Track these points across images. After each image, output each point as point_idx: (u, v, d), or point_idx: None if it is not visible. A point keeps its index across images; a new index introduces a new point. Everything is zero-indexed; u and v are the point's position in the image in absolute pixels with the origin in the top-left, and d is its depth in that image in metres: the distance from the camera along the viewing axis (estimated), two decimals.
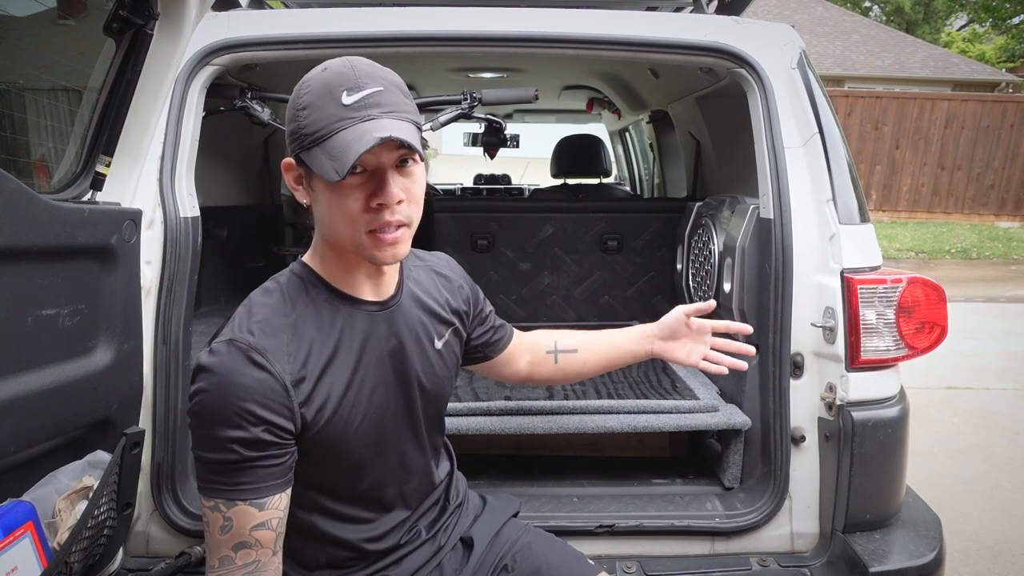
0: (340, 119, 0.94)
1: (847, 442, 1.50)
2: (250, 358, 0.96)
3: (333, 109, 0.94)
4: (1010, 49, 22.39)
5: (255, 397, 0.95)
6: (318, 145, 0.95)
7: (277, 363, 0.97)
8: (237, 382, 0.95)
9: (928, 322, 1.53)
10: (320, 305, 1.05)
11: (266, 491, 0.98)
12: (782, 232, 1.58)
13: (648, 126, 3.66)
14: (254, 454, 0.96)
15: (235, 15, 1.66)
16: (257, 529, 0.99)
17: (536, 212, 2.73)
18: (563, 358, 1.43)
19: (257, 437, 0.95)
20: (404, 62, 2.84)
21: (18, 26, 1.68)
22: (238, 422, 0.94)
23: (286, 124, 1.01)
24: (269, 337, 0.98)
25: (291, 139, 0.99)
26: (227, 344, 0.97)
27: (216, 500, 0.97)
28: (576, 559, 1.26)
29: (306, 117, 0.96)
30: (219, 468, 0.96)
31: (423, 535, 1.21)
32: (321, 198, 0.99)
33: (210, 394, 0.95)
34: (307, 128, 0.96)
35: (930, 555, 1.49)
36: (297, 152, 0.99)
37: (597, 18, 1.69)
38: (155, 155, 1.55)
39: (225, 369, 0.95)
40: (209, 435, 0.95)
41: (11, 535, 1.12)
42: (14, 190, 1.12)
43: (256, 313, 1.01)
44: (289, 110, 1.00)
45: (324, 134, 0.94)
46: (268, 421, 0.96)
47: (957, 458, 3.53)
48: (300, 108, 0.97)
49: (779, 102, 1.63)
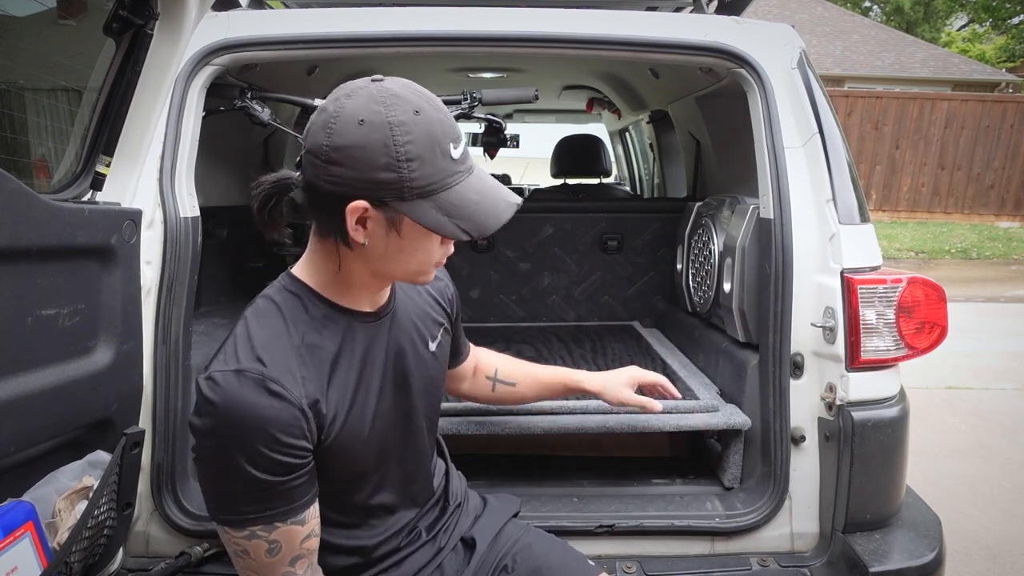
0: (452, 173, 0.95)
1: (847, 442, 1.50)
2: (266, 388, 0.93)
3: (444, 163, 0.94)
4: (1010, 49, 22.37)
5: (278, 427, 0.93)
6: (425, 198, 0.93)
7: (292, 388, 0.95)
8: (257, 414, 0.92)
9: (928, 322, 1.53)
10: (320, 322, 1.03)
11: (302, 507, 0.99)
12: (782, 232, 1.58)
13: (648, 126, 3.66)
14: (282, 478, 0.95)
15: (235, 15, 1.66)
16: (306, 540, 1.01)
17: (536, 212, 2.73)
18: (500, 387, 1.50)
19: (283, 462, 0.94)
20: (404, 62, 2.85)
21: (18, 26, 1.68)
22: (264, 453, 0.92)
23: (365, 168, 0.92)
24: (278, 363, 0.96)
25: (382, 186, 0.92)
26: (236, 375, 0.93)
27: (251, 528, 0.96)
28: (576, 559, 1.26)
29: (415, 170, 0.92)
30: (246, 499, 0.95)
31: (423, 536, 1.22)
32: (406, 243, 0.98)
33: (229, 429, 0.92)
34: (416, 181, 0.92)
35: (930, 555, 1.49)
36: (390, 200, 0.93)
37: (597, 18, 1.69)
38: (155, 155, 1.55)
39: (241, 402, 0.92)
40: (230, 469, 0.93)
41: (11, 535, 1.12)
42: (14, 190, 1.12)
43: (258, 338, 0.98)
44: (375, 155, 0.91)
45: (436, 188, 0.94)
46: (292, 446, 0.94)
47: (957, 458, 3.53)
48: (405, 159, 0.91)
49: (779, 102, 1.63)
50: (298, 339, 1.00)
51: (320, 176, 0.94)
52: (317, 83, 2.53)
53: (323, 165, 0.93)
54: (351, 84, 0.97)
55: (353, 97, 0.94)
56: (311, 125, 0.96)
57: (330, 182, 0.93)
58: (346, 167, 0.92)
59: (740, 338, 1.86)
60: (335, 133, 0.92)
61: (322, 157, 0.92)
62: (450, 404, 1.70)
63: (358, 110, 0.92)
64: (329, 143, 0.92)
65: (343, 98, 0.94)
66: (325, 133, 0.92)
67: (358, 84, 0.96)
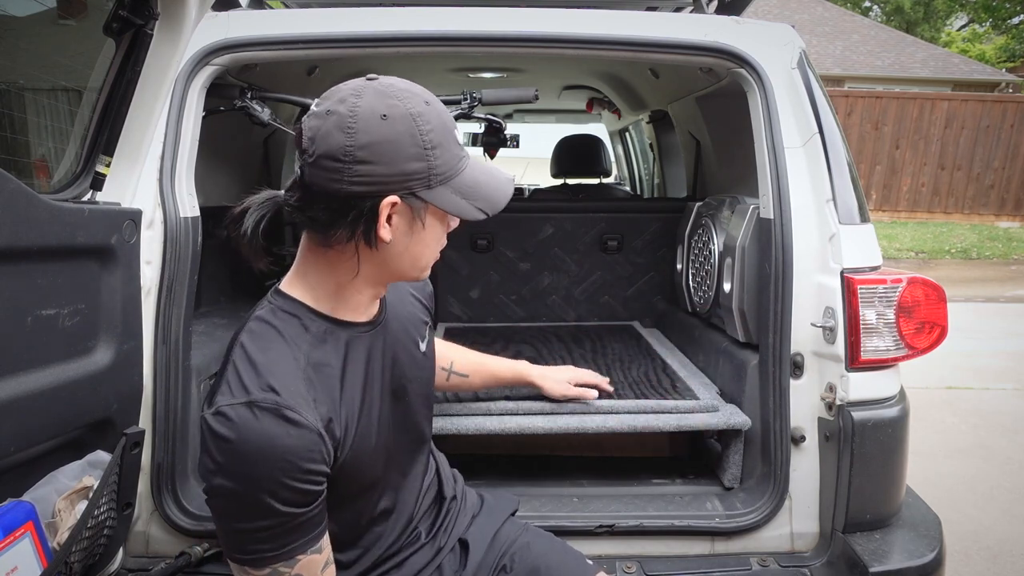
0: (460, 157, 0.99)
1: (847, 442, 1.50)
2: (284, 417, 0.90)
3: (455, 148, 0.98)
4: (1010, 49, 22.38)
5: (300, 455, 0.90)
6: (444, 184, 0.96)
7: (307, 413, 0.92)
8: (280, 445, 0.89)
9: (928, 322, 1.53)
10: (321, 338, 1.01)
11: (319, 535, 0.98)
12: (782, 232, 1.58)
13: (648, 126, 3.66)
14: (304, 509, 0.93)
15: (235, 15, 1.66)
16: (325, 568, 1.00)
17: (536, 212, 2.73)
18: (454, 378, 1.58)
19: (306, 491, 0.92)
20: (404, 62, 2.85)
21: (18, 26, 1.68)
22: (288, 484, 0.89)
23: (395, 161, 0.92)
24: (290, 388, 0.93)
25: (412, 178, 0.93)
26: (249, 407, 0.90)
27: (273, 566, 0.94)
28: (575, 559, 1.26)
29: (438, 157, 0.95)
30: (267, 536, 0.92)
31: (423, 537, 1.22)
32: (428, 234, 1.00)
33: (249, 466, 0.89)
34: (439, 168, 0.95)
35: (930, 555, 1.49)
36: (416, 191, 0.95)
37: (597, 18, 1.69)
38: (155, 155, 1.55)
39: (259, 435, 0.89)
40: (253, 507, 0.90)
41: (11, 535, 1.12)
42: (14, 190, 1.12)
43: (263, 364, 0.94)
44: (404, 146, 0.92)
45: (453, 173, 0.97)
46: (314, 472, 0.92)
47: (957, 458, 3.53)
48: (431, 147, 0.94)
49: (779, 102, 1.63)
50: (303, 360, 0.97)
51: (343, 179, 0.91)
52: (317, 83, 2.53)
53: (348, 166, 0.91)
54: (348, 85, 0.95)
55: (362, 96, 0.93)
56: (317, 131, 0.92)
57: (358, 182, 0.91)
58: (375, 163, 0.91)
59: (740, 338, 1.86)
60: (359, 131, 0.90)
61: (347, 158, 0.90)
62: (450, 404, 1.70)
63: (376, 106, 0.92)
64: (353, 142, 0.90)
65: (351, 98, 0.93)
66: (346, 134, 0.90)
67: (358, 84, 0.95)
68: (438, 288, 2.74)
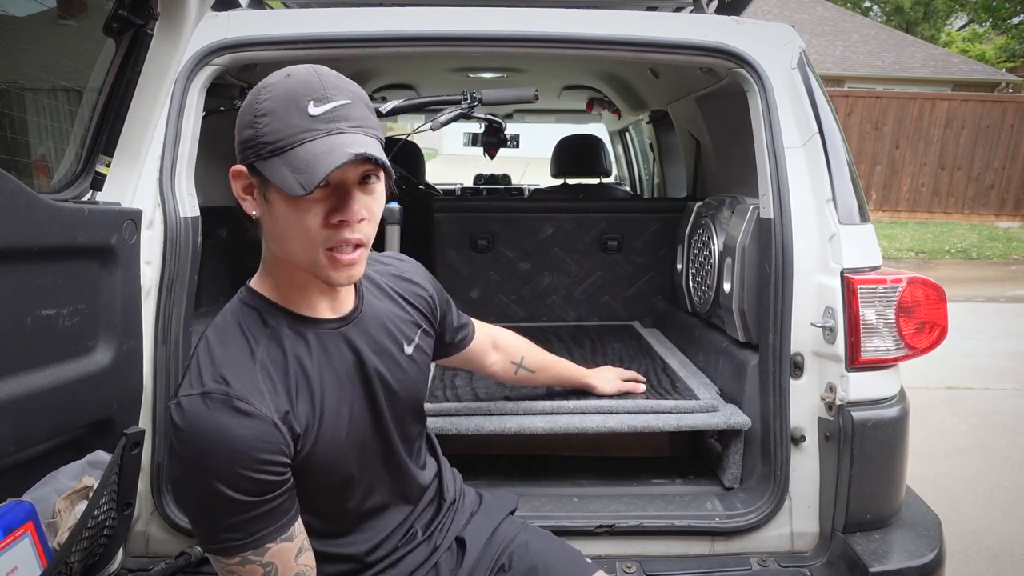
0: (306, 130, 0.90)
1: (847, 442, 1.50)
2: (234, 408, 0.91)
3: (298, 119, 0.90)
4: (1010, 49, 22.37)
5: (252, 444, 0.91)
6: (278, 155, 0.90)
7: (260, 404, 0.93)
8: (229, 436, 0.90)
9: (928, 322, 1.53)
10: (281, 332, 1.01)
11: (287, 523, 0.98)
12: (782, 232, 1.58)
13: (648, 126, 3.66)
14: (264, 498, 0.93)
15: (235, 15, 1.66)
16: (299, 556, 1.00)
17: (536, 212, 2.73)
18: (522, 373, 1.61)
19: (263, 480, 0.93)
20: (404, 62, 2.85)
21: (18, 26, 1.68)
22: (242, 474, 0.90)
23: (239, 130, 0.95)
24: (243, 380, 0.94)
25: (246, 146, 0.94)
26: (202, 398, 0.92)
27: (242, 554, 0.94)
28: (573, 558, 1.26)
29: (266, 125, 0.91)
30: (232, 524, 0.93)
31: (419, 536, 1.22)
32: (276, 211, 0.94)
33: (203, 455, 0.90)
34: (267, 136, 0.91)
35: (930, 555, 1.49)
36: (252, 160, 0.93)
37: (597, 18, 1.69)
38: (155, 155, 1.55)
39: (210, 425, 0.90)
40: (210, 497, 0.91)
41: (11, 535, 1.12)
42: (14, 190, 1.12)
43: (219, 357, 0.96)
44: (243, 115, 0.94)
45: (287, 144, 0.90)
46: (270, 462, 0.93)
47: (957, 458, 3.53)
48: (260, 115, 0.92)
49: (779, 102, 1.63)
50: (260, 354, 0.99)
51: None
52: None
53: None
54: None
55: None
56: None
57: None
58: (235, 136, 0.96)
59: (740, 338, 1.86)
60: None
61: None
62: (450, 404, 1.70)
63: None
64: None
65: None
66: None
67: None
68: None
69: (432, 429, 1.55)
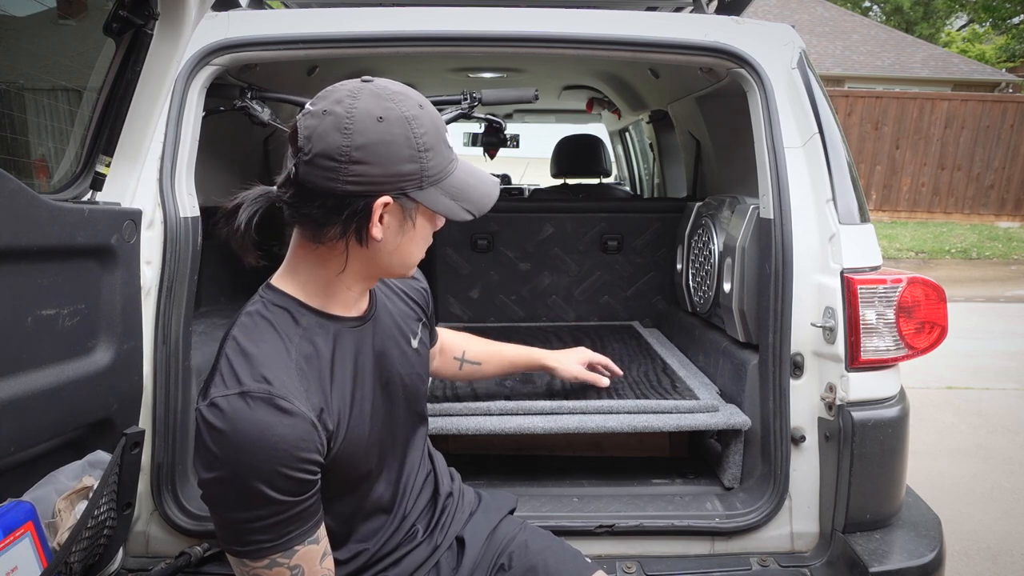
0: (451, 160, 1.02)
1: (847, 442, 1.50)
2: (277, 406, 0.92)
3: (446, 151, 1.01)
4: (1010, 49, 22.36)
5: (294, 443, 0.92)
6: (435, 185, 0.99)
7: (300, 403, 0.94)
8: (274, 434, 0.90)
9: (928, 322, 1.53)
10: (312, 331, 1.03)
11: (315, 525, 0.99)
12: (782, 232, 1.58)
13: (648, 126, 3.66)
14: (299, 498, 0.94)
15: (235, 15, 1.66)
16: (324, 559, 1.00)
17: (536, 212, 2.73)
18: (467, 367, 1.60)
19: (302, 479, 0.93)
20: (404, 62, 2.85)
21: (18, 26, 1.68)
22: (283, 473, 0.91)
23: (390, 162, 0.94)
24: (282, 378, 0.95)
25: (405, 178, 0.96)
26: (242, 397, 0.92)
27: (271, 556, 0.95)
28: (573, 557, 1.26)
29: (430, 159, 0.98)
30: (264, 526, 0.93)
31: (420, 535, 1.22)
32: (416, 232, 1.03)
33: (244, 454, 0.90)
34: (430, 170, 0.98)
35: (930, 555, 1.49)
36: (408, 191, 0.97)
37: (597, 18, 1.69)
38: (155, 155, 1.55)
39: (253, 425, 0.90)
40: (249, 497, 0.91)
41: (11, 535, 1.12)
42: (14, 190, 1.12)
43: (255, 356, 0.96)
44: (399, 149, 0.95)
45: (443, 175, 1.00)
46: (308, 461, 0.94)
47: (957, 458, 3.53)
48: (423, 149, 0.97)
49: (779, 102, 1.63)
50: (295, 352, 0.99)
51: (339, 178, 0.93)
52: (317, 83, 2.53)
53: (344, 166, 0.93)
54: (344, 87, 0.97)
55: (359, 97, 0.95)
56: (313, 130, 0.94)
57: (353, 181, 0.94)
58: (371, 164, 0.93)
59: (740, 338, 1.86)
60: (355, 132, 0.92)
61: (343, 158, 0.92)
62: (450, 404, 1.70)
63: (372, 108, 0.94)
64: (350, 143, 0.92)
65: (347, 99, 0.94)
66: (342, 134, 0.92)
67: (354, 85, 0.97)
68: (438, 288, 2.74)
69: (432, 429, 1.55)
